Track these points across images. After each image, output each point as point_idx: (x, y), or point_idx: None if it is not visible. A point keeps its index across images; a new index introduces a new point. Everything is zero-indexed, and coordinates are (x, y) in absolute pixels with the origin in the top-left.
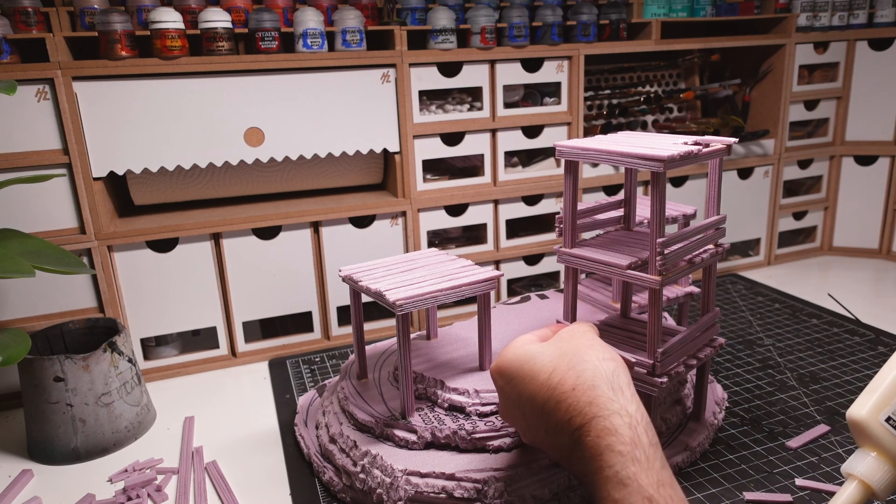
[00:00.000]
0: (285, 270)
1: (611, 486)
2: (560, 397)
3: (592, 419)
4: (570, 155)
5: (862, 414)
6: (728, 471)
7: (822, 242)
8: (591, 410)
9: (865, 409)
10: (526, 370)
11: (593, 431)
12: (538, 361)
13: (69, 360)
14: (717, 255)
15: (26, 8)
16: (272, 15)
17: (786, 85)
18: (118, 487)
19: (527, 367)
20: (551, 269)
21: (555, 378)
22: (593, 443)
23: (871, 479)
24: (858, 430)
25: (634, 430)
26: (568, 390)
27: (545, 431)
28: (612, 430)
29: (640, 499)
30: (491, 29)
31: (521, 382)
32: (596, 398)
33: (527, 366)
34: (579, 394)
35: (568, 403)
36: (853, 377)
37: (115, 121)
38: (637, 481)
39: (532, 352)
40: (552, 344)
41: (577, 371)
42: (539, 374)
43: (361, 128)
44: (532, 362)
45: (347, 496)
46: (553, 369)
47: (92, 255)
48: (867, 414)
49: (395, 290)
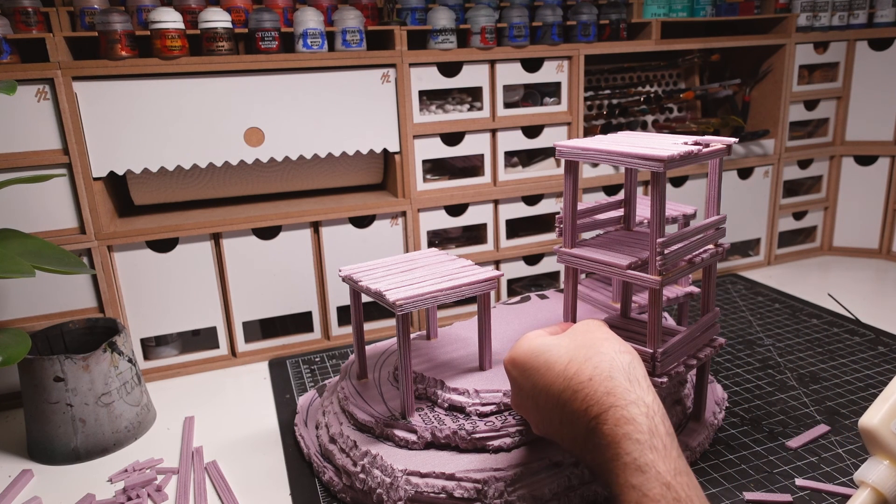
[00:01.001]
0: (285, 270)
1: (629, 472)
2: (577, 387)
3: (610, 408)
4: (570, 155)
5: (874, 423)
6: (728, 471)
7: (822, 242)
8: (608, 400)
9: (877, 418)
10: (541, 361)
11: (611, 420)
12: (553, 353)
13: (69, 360)
14: (717, 255)
15: (26, 8)
16: (272, 15)
17: (786, 85)
18: (118, 487)
19: (542, 359)
20: (551, 269)
21: (571, 369)
22: (610, 431)
23: (884, 486)
24: (870, 439)
25: (651, 419)
26: (585, 380)
27: (560, 422)
28: (629, 419)
29: (659, 485)
30: (491, 29)
31: (536, 373)
32: (613, 388)
33: (542, 357)
34: (596, 384)
35: (585, 393)
36: (853, 377)
37: (114, 121)
38: (655, 468)
39: (547, 343)
40: (567, 336)
41: (594, 362)
42: (555, 364)
43: (361, 128)
44: (547, 353)
45: (347, 496)
46: (569, 360)
47: (92, 255)
48: (879, 423)
49: (395, 290)
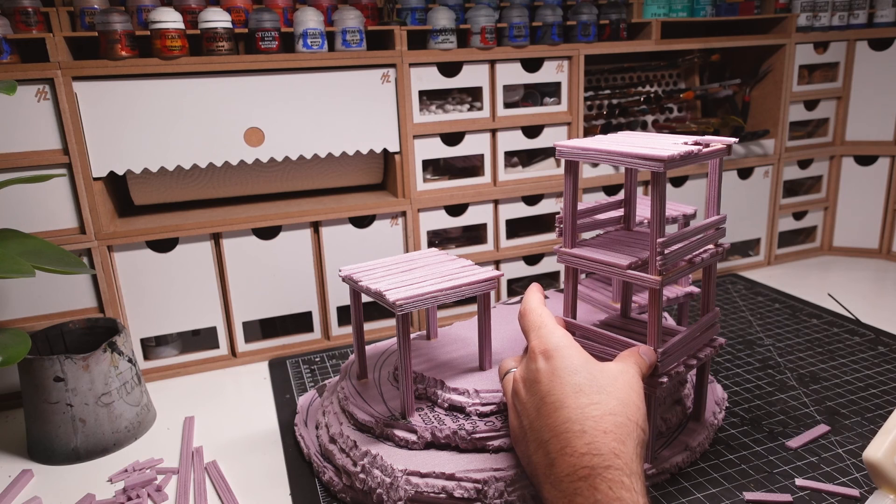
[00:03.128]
0: (285, 270)
1: None
2: (588, 430)
3: (609, 468)
4: (570, 155)
5: (878, 456)
6: (728, 471)
7: (822, 242)
8: (614, 461)
9: (881, 452)
10: (571, 379)
11: (609, 478)
12: (586, 384)
13: (69, 360)
14: (717, 255)
15: (26, 8)
16: (272, 15)
17: (786, 85)
18: (118, 487)
19: (574, 378)
20: (551, 269)
21: (593, 410)
22: (606, 487)
23: None
24: (875, 472)
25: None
26: (600, 431)
27: (545, 442)
28: (628, 486)
29: None
30: (491, 29)
31: (559, 383)
32: (623, 454)
33: (575, 376)
34: (610, 439)
35: (591, 439)
36: (853, 377)
37: (114, 121)
38: None
39: (589, 366)
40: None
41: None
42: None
43: (361, 128)
44: (580, 376)
45: (347, 496)
46: (597, 403)
47: (92, 255)
48: (882, 456)
49: (395, 290)
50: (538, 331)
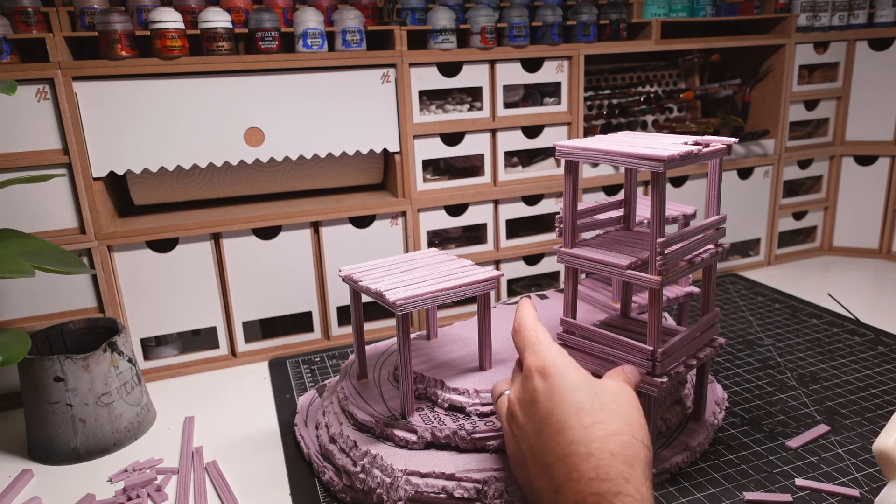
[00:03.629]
0: (285, 270)
1: None
2: (595, 452)
3: (619, 495)
4: (570, 155)
5: (888, 445)
6: (728, 471)
7: (822, 242)
8: (625, 487)
9: (891, 441)
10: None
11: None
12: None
13: (69, 360)
14: (717, 255)
15: (26, 8)
16: (272, 15)
17: (786, 85)
18: (118, 487)
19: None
20: (551, 269)
21: (597, 431)
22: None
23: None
24: (886, 463)
25: None
26: (607, 454)
27: (549, 466)
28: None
29: None
30: (491, 29)
31: (560, 403)
32: (632, 477)
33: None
34: (618, 461)
35: (599, 462)
36: (853, 377)
37: (114, 121)
38: None
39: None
40: (609, 396)
41: (624, 440)
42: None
43: (361, 128)
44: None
45: (347, 496)
46: (601, 422)
47: (92, 255)
48: (894, 445)
49: (395, 290)
50: (533, 347)
